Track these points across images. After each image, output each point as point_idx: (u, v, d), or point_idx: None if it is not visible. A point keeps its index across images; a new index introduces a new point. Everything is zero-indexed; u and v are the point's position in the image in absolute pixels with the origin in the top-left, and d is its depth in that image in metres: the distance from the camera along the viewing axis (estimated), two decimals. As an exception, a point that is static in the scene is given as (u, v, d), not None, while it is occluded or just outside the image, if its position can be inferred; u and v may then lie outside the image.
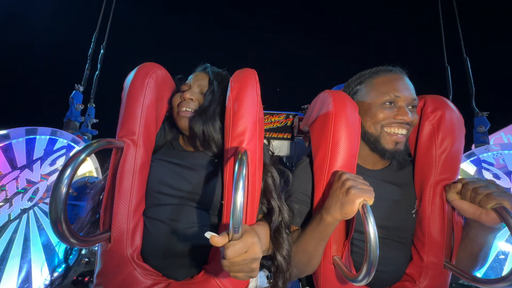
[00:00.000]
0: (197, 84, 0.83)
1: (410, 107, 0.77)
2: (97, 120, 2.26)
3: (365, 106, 0.80)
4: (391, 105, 0.77)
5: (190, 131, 0.78)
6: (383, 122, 0.77)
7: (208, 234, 0.49)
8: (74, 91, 1.99)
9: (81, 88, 2.04)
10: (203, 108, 0.79)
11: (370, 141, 0.79)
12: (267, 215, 0.73)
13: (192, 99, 0.80)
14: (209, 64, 0.89)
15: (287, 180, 0.79)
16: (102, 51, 2.38)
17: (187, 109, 0.79)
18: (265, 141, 0.81)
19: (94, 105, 2.29)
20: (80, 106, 1.96)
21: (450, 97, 2.26)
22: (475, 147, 1.73)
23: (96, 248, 0.72)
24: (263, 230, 0.68)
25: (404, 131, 0.76)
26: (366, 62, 0.90)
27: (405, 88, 0.77)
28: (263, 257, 0.86)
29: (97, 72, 2.35)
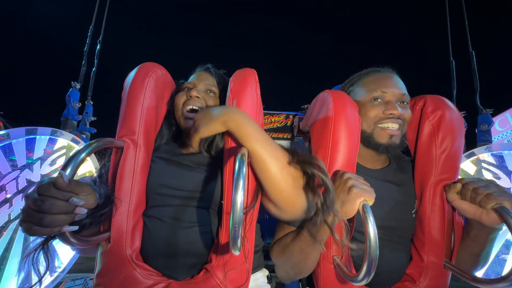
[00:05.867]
0: (202, 83, 0.84)
1: (399, 102, 0.78)
2: (96, 118, 2.18)
3: (357, 105, 0.81)
4: (380, 100, 0.79)
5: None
6: (375, 119, 0.78)
7: None
8: (70, 89, 1.92)
9: (78, 85, 1.97)
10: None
11: (363, 137, 0.80)
12: None
13: (198, 97, 0.81)
14: (210, 65, 0.89)
15: None
16: (98, 46, 2.28)
17: (194, 107, 0.80)
18: None
19: (92, 103, 2.21)
20: (77, 104, 1.91)
21: (454, 92, 2.23)
22: (478, 145, 1.72)
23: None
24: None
25: (396, 126, 0.77)
26: (368, 61, 0.90)
27: (393, 84, 0.80)
28: (265, 257, 0.86)
29: (94, 68, 2.26)
